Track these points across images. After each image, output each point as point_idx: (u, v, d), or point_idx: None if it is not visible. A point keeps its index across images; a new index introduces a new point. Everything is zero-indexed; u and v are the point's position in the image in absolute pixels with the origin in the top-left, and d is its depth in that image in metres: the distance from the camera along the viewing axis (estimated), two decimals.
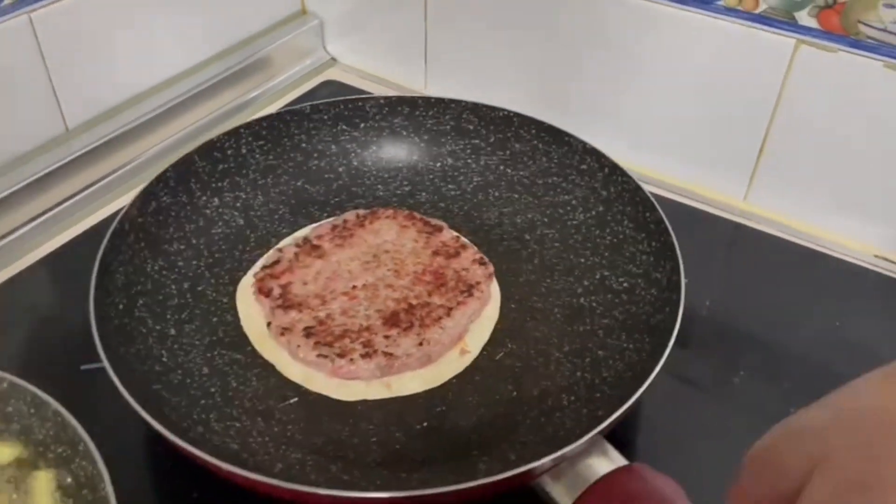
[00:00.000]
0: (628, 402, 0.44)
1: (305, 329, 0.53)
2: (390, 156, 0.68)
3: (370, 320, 0.54)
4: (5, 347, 0.56)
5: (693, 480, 0.42)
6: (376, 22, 0.85)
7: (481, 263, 0.58)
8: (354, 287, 0.56)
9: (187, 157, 0.61)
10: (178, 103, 0.75)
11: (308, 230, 0.62)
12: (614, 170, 0.61)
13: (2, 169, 0.65)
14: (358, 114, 0.67)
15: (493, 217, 0.64)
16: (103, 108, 0.72)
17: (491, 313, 0.56)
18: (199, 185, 0.62)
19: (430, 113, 0.67)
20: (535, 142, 0.65)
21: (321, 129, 0.67)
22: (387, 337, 0.53)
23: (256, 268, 0.59)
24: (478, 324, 0.55)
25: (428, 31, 0.80)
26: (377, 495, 0.41)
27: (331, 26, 0.88)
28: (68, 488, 0.42)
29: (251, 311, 0.56)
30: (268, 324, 0.54)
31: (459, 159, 0.67)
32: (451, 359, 0.53)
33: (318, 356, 0.51)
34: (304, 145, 0.66)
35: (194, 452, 0.42)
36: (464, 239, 0.61)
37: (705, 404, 0.54)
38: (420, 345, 0.52)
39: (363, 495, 0.41)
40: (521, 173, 0.66)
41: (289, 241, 0.61)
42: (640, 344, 0.52)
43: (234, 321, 0.56)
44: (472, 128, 0.67)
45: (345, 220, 0.61)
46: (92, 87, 0.70)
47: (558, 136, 0.64)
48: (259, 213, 0.63)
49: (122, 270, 0.54)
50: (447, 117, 0.67)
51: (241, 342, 0.54)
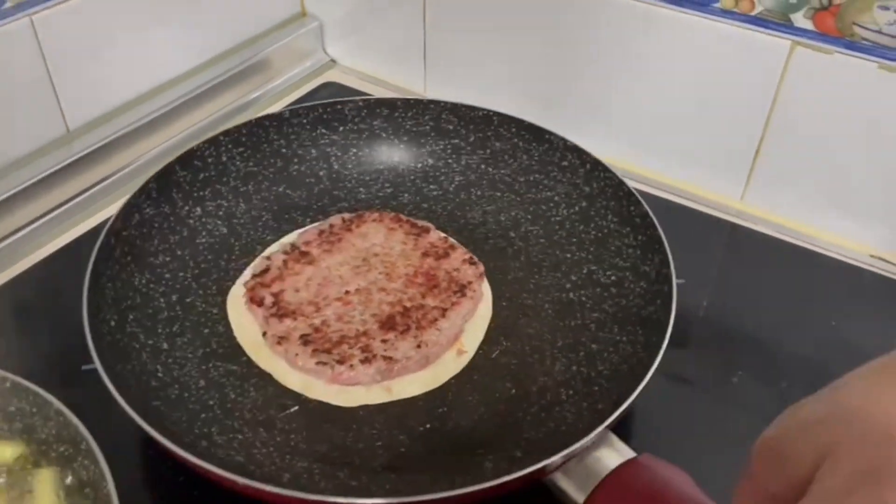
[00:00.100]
0: (635, 391, 0.45)
1: (302, 337, 0.53)
2: (371, 158, 0.68)
3: (366, 325, 0.54)
4: (7, 347, 0.56)
5: (694, 473, 0.43)
6: (376, 24, 0.84)
7: (471, 263, 0.59)
8: (348, 292, 0.56)
9: (168, 167, 0.60)
10: (179, 105, 0.75)
11: (294, 236, 0.61)
12: (596, 166, 0.61)
13: (4, 170, 0.65)
14: (337, 117, 0.67)
15: (477, 216, 0.65)
16: (104, 109, 0.71)
17: (484, 312, 0.57)
18: (181, 195, 0.61)
19: (410, 114, 0.67)
20: (516, 140, 0.66)
21: (300, 133, 0.66)
22: (384, 341, 0.53)
23: (245, 277, 0.58)
24: (472, 323, 0.56)
25: (427, 32, 0.80)
26: (391, 500, 0.41)
27: (330, 28, 0.88)
28: (70, 487, 0.42)
29: (243, 321, 0.55)
30: (263, 333, 0.54)
31: (440, 159, 0.67)
32: (448, 360, 0.54)
33: (318, 363, 0.51)
34: (283, 150, 0.66)
35: (207, 468, 0.41)
36: (452, 239, 0.61)
37: (704, 404, 0.55)
38: (418, 347, 0.52)
39: (378, 502, 0.41)
40: (503, 171, 0.66)
41: (276, 248, 0.61)
42: (633, 336, 0.53)
43: (227, 332, 0.55)
44: (451, 128, 0.67)
45: (331, 225, 0.61)
46: (93, 89, 0.70)
47: (539, 134, 0.64)
48: (242, 221, 0.63)
49: (110, 286, 0.53)
50: (426, 118, 0.67)
51: (235, 353, 0.54)
